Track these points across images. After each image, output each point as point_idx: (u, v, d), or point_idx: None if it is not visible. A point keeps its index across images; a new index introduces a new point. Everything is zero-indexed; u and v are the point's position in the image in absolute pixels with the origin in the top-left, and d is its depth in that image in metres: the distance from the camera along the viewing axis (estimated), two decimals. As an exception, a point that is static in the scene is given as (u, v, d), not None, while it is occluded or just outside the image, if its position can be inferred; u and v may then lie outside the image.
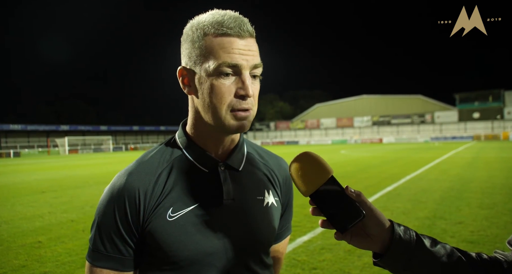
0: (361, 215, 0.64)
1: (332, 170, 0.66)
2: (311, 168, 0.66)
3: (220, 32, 0.71)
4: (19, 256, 4.22)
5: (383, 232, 0.66)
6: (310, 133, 73.20)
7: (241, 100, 0.73)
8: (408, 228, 0.68)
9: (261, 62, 0.76)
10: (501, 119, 54.49)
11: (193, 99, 0.79)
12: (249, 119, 0.75)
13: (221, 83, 0.71)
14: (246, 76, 0.72)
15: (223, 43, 0.71)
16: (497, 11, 1.17)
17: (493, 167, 12.49)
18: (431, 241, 0.68)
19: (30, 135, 57.94)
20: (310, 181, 0.66)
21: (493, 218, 5.27)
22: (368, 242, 0.67)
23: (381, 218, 0.66)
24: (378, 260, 0.68)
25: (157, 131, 74.65)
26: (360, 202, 0.66)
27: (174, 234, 0.75)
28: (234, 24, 0.71)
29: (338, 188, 0.66)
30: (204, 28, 0.72)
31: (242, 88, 0.72)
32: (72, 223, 5.84)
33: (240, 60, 0.71)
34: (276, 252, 0.97)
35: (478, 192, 7.49)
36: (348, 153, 25.92)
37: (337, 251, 4.00)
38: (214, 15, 0.74)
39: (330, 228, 0.66)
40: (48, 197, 8.68)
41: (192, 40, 0.74)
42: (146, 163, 0.81)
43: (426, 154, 22.06)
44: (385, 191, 8.13)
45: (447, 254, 0.66)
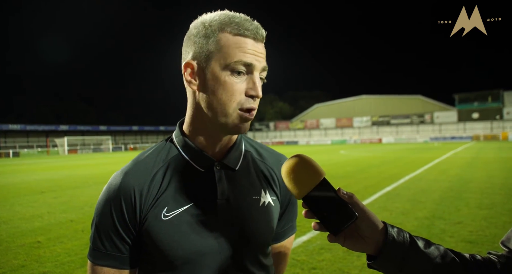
0: (353, 217, 0.64)
1: (324, 172, 0.66)
2: (303, 170, 0.66)
3: (238, 32, 0.73)
4: (18, 256, 4.22)
5: (376, 234, 0.66)
6: (309, 133, 73.22)
7: (250, 100, 0.75)
8: (402, 230, 0.68)
9: (267, 66, 0.78)
10: (500, 119, 54.56)
11: (196, 95, 0.78)
12: (250, 122, 0.77)
13: (234, 81, 0.73)
14: (257, 77, 0.75)
15: (240, 42, 0.73)
16: (497, 11, 1.17)
17: (492, 167, 12.50)
18: (424, 242, 0.68)
19: (29, 135, 57.87)
20: (302, 183, 0.66)
21: (492, 218, 5.28)
22: (361, 244, 0.67)
23: (374, 219, 0.66)
24: (372, 262, 0.68)
25: (156, 132, 74.63)
26: (353, 204, 0.66)
27: (169, 233, 0.75)
28: (251, 27, 0.74)
29: (330, 190, 0.66)
30: (220, 25, 0.74)
31: (252, 88, 0.74)
32: (72, 223, 5.84)
33: (254, 61, 0.73)
34: (279, 251, 0.96)
35: (477, 192, 7.50)
36: (348, 153, 25.93)
37: (336, 251, 4.01)
38: (228, 15, 0.75)
39: (323, 230, 0.66)
40: (47, 197, 8.67)
41: (205, 35, 0.74)
42: (142, 162, 0.81)
43: (425, 154, 22.08)
44: (384, 191, 8.13)
45: (441, 255, 0.66)
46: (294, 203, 0.96)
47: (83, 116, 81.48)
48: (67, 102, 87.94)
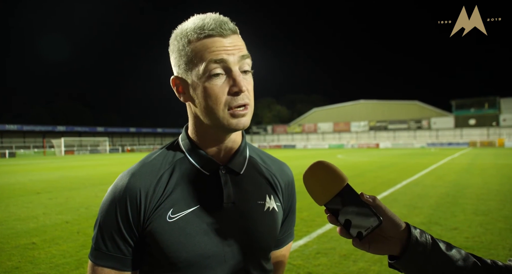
0: (377, 221, 0.63)
1: (347, 178, 0.66)
2: (326, 176, 0.66)
3: (202, 35, 0.73)
4: (12, 257, 4.18)
5: (400, 233, 0.66)
6: (307, 137, 73.30)
7: (236, 97, 0.74)
8: (424, 231, 0.68)
9: (248, 53, 0.77)
10: (496, 126, 54.88)
11: (191, 106, 0.81)
12: (247, 116, 0.77)
13: (213, 85, 0.73)
14: (236, 73, 0.73)
15: (207, 44, 0.73)
16: (497, 11, 1.18)
17: (489, 173, 12.56)
18: (446, 245, 0.68)
19: (26, 136, 57.52)
20: (325, 189, 0.66)
21: (488, 225, 5.30)
22: (387, 245, 0.67)
23: (396, 219, 0.67)
24: (394, 261, 0.68)
25: (154, 133, 74.39)
26: (376, 207, 0.66)
27: (173, 235, 0.76)
28: (214, 25, 0.73)
29: (354, 196, 0.65)
30: (188, 35, 0.75)
31: (234, 85, 0.73)
32: (67, 224, 5.80)
33: (224, 55, 0.72)
34: (278, 258, 0.97)
35: (474, 198, 7.53)
36: (345, 158, 25.97)
37: (333, 256, 4.00)
38: (194, 21, 0.76)
39: (347, 236, 0.66)
40: (43, 198, 8.62)
41: (178, 49, 0.76)
42: (148, 164, 0.82)
43: (422, 159, 22.16)
44: (381, 196, 8.15)
45: (463, 258, 0.66)
46: (294, 210, 0.97)
47: (80, 117, 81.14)
48: (64, 103, 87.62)
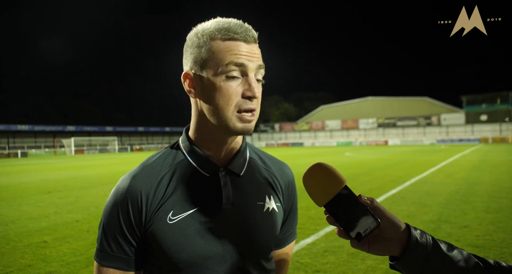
0: (375, 223, 0.64)
1: (345, 180, 0.67)
2: (325, 178, 0.68)
3: (227, 37, 0.75)
4: (25, 255, 4.27)
5: (400, 234, 0.66)
6: (315, 135, 73.03)
7: (248, 101, 0.76)
8: (424, 232, 0.68)
9: (264, 64, 0.79)
10: (509, 122, 53.86)
11: (198, 103, 0.81)
12: (253, 122, 0.78)
13: (229, 85, 0.75)
14: (252, 79, 0.76)
15: (230, 46, 0.75)
16: (497, 11, 1.16)
17: (501, 170, 12.34)
18: (447, 245, 0.68)
19: (37, 136, 58.54)
20: (324, 191, 0.67)
21: (499, 223, 5.21)
22: (387, 246, 0.67)
23: (396, 220, 0.67)
24: (394, 262, 0.68)
25: (162, 133, 74.99)
26: (374, 208, 0.66)
27: (174, 236, 0.77)
28: (240, 30, 0.75)
29: (352, 197, 0.67)
30: (211, 34, 0.76)
31: (248, 89, 0.75)
32: (77, 223, 5.90)
33: (245, 61, 0.75)
34: (281, 257, 0.97)
35: (484, 196, 7.41)
36: (353, 155, 25.82)
37: (341, 254, 3.99)
38: (219, 22, 0.78)
39: (346, 237, 0.67)
40: (54, 197, 8.77)
41: (198, 45, 0.77)
42: (149, 166, 0.83)
43: (431, 156, 21.90)
44: (390, 193, 8.08)
45: (464, 259, 0.66)
46: (295, 210, 0.98)
47: (89, 117, 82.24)
48: (74, 103, 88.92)
